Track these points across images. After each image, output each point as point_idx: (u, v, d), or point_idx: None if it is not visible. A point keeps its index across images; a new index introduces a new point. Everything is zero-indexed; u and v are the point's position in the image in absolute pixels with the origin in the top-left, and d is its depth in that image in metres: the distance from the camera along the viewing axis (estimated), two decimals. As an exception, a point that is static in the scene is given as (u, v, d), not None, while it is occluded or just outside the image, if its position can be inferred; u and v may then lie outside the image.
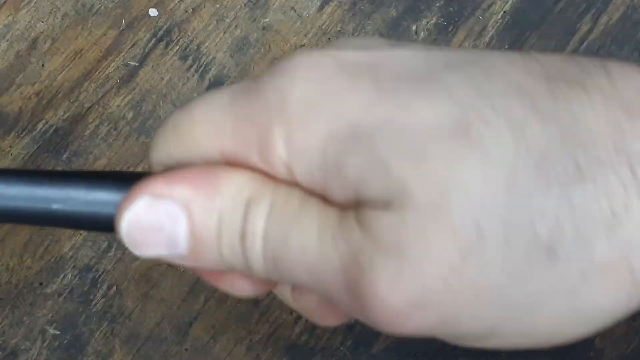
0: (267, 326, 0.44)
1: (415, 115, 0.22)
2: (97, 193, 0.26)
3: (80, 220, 0.26)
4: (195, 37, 0.49)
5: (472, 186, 0.21)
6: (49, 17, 0.49)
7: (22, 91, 0.48)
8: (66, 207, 0.25)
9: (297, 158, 0.24)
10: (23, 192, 0.25)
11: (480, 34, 0.50)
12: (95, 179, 0.26)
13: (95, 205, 0.26)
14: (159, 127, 0.27)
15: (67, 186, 0.26)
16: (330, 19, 0.50)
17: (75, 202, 0.25)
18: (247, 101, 0.24)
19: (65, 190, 0.25)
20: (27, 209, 0.25)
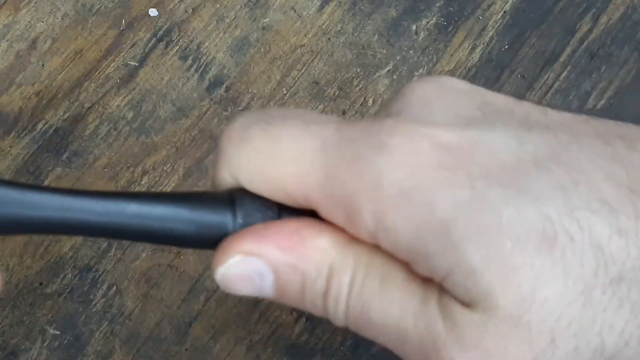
0: (267, 326, 0.44)
1: (506, 223, 0.23)
2: (197, 213, 0.27)
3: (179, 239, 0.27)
4: (195, 37, 0.49)
5: (552, 300, 0.23)
6: (49, 17, 0.49)
7: (22, 91, 0.48)
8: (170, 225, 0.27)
9: (384, 234, 0.25)
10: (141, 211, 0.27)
11: (480, 34, 0.50)
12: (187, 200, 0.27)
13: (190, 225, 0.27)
14: (229, 141, 0.29)
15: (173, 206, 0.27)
16: (330, 19, 0.50)
17: (181, 222, 0.27)
18: (341, 161, 0.25)
19: (173, 210, 0.27)
20: (142, 227, 0.27)
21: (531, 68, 0.49)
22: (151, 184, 0.46)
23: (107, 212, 0.26)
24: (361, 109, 0.48)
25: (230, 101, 0.48)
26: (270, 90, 0.48)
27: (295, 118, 0.27)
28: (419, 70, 0.49)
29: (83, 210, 0.26)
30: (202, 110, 0.48)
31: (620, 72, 0.49)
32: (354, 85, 0.49)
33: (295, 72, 0.49)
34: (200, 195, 0.28)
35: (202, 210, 0.27)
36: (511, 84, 0.49)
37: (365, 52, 0.50)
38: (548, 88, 0.49)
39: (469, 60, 0.49)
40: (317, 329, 0.44)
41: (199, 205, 0.27)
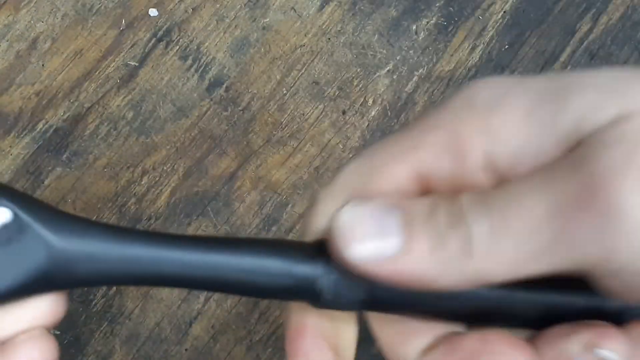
0: (267, 326, 0.44)
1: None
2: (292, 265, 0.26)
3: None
4: (195, 37, 0.49)
5: None
6: (49, 17, 0.49)
7: (22, 91, 0.48)
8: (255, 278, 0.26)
9: (498, 141, 0.24)
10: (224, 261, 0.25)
11: (480, 34, 0.50)
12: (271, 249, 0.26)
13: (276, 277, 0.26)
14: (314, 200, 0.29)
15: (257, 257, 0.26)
16: (330, 19, 0.50)
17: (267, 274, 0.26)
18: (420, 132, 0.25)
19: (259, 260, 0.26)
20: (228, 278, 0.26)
21: (531, 68, 0.49)
22: (151, 184, 0.46)
23: (202, 266, 0.25)
24: (361, 108, 0.48)
25: (230, 101, 0.48)
26: (270, 90, 0.48)
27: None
28: (418, 70, 0.49)
29: (176, 264, 0.25)
30: (202, 110, 0.48)
31: (620, 72, 0.49)
32: (354, 85, 0.49)
33: (295, 72, 0.49)
34: (291, 245, 0.26)
35: (296, 262, 0.25)
36: (511, 84, 0.49)
37: (365, 52, 0.50)
38: (548, 88, 0.49)
39: (469, 60, 0.49)
40: (317, 329, 0.44)
41: (293, 258, 0.26)
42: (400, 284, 0.24)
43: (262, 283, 0.25)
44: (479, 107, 0.25)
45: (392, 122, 0.48)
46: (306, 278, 0.25)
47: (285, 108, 0.48)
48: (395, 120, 0.48)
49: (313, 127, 0.48)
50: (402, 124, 0.48)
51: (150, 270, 0.25)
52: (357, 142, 0.48)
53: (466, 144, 0.24)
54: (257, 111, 0.48)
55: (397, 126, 0.48)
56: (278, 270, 0.25)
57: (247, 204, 0.46)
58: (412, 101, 0.49)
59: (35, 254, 0.24)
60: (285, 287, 0.25)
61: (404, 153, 0.26)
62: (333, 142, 0.48)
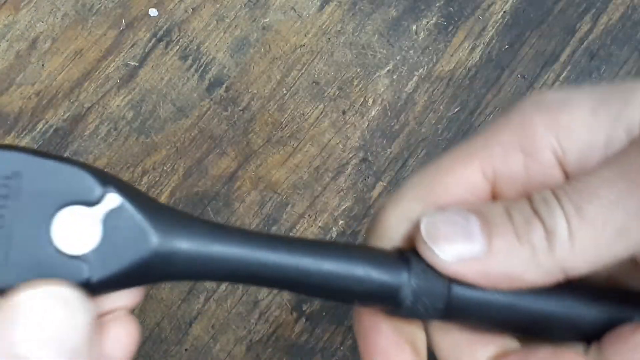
0: (267, 326, 0.44)
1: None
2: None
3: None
4: (195, 37, 0.49)
5: None
6: (49, 17, 0.49)
7: (22, 91, 0.48)
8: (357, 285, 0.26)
9: (568, 137, 0.25)
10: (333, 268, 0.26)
11: (480, 34, 0.50)
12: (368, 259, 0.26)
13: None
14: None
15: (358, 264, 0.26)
16: (330, 19, 0.50)
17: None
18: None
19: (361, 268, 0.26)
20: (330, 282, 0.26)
21: (531, 68, 0.49)
22: (151, 183, 0.46)
23: (295, 268, 0.25)
24: (361, 108, 0.48)
25: (230, 101, 0.48)
26: (270, 90, 0.48)
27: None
28: (418, 70, 0.49)
29: (269, 265, 0.25)
30: (202, 110, 0.48)
31: (620, 72, 0.49)
32: (354, 85, 0.49)
33: (295, 72, 0.49)
34: (376, 253, 0.27)
35: (381, 269, 0.26)
36: (511, 84, 0.49)
37: (365, 52, 0.50)
38: (548, 88, 0.49)
39: (469, 60, 0.49)
40: (317, 329, 0.44)
41: (378, 265, 0.26)
42: (488, 283, 0.25)
43: (349, 288, 0.26)
44: (547, 106, 0.26)
45: (392, 122, 0.48)
46: (390, 285, 0.26)
47: (285, 108, 0.48)
48: (395, 120, 0.48)
49: (313, 127, 0.48)
50: (402, 124, 0.48)
51: (243, 270, 0.25)
52: (357, 142, 0.48)
53: (536, 141, 0.25)
54: (257, 111, 0.48)
55: (397, 126, 0.48)
56: (365, 277, 0.25)
57: (247, 204, 0.46)
58: (412, 101, 0.49)
59: (136, 246, 0.24)
60: (370, 293, 0.26)
61: (473, 154, 0.27)
62: (333, 142, 0.48)
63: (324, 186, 0.47)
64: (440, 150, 0.48)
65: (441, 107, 0.49)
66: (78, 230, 0.23)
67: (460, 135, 0.48)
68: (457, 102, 0.49)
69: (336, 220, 0.46)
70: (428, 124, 0.48)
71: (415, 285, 0.25)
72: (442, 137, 0.48)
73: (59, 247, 0.23)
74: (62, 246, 0.23)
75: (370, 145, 0.48)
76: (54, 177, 0.23)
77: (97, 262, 0.23)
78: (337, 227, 0.46)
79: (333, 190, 0.47)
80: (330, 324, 0.45)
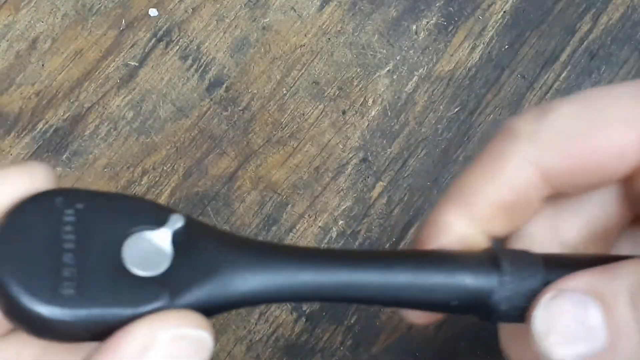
0: (267, 326, 0.44)
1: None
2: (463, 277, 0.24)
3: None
4: (195, 37, 0.49)
5: None
6: (49, 17, 0.49)
7: (22, 91, 0.48)
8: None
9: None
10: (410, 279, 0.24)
11: (480, 34, 0.50)
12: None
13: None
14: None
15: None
16: (330, 19, 0.50)
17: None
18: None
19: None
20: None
21: (531, 68, 0.49)
22: (151, 183, 0.46)
23: (379, 285, 0.24)
24: (361, 108, 0.48)
25: (230, 101, 0.48)
26: (270, 90, 0.48)
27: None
28: (418, 70, 0.49)
29: (352, 285, 0.23)
30: (202, 110, 0.48)
31: (620, 72, 0.49)
32: (354, 85, 0.49)
33: (295, 72, 0.49)
34: (461, 258, 0.25)
35: (469, 276, 0.24)
36: (511, 84, 0.49)
37: (365, 52, 0.50)
38: (548, 88, 0.49)
39: (469, 60, 0.49)
40: (317, 329, 0.44)
41: (466, 271, 0.24)
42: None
43: (436, 299, 0.24)
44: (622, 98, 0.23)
45: (392, 122, 0.48)
46: (480, 291, 0.24)
47: (285, 108, 0.48)
48: (395, 120, 0.48)
49: (313, 127, 0.48)
50: (402, 124, 0.48)
51: (320, 292, 0.24)
52: (357, 142, 0.48)
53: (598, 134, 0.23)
54: (257, 111, 0.48)
55: (397, 126, 0.48)
56: (453, 286, 0.24)
57: (247, 204, 0.46)
58: (412, 101, 0.49)
59: (200, 271, 0.23)
60: (460, 301, 0.24)
61: (522, 148, 0.24)
62: (333, 142, 0.48)
63: (324, 186, 0.47)
64: (440, 150, 0.48)
65: (441, 107, 0.49)
66: (149, 252, 0.23)
67: (460, 135, 0.48)
68: (457, 102, 0.49)
69: (336, 220, 0.46)
70: (428, 124, 0.48)
71: (509, 290, 0.24)
72: (442, 137, 0.48)
73: (133, 270, 0.22)
74: (136, 270, 0.22)
75: (370, 145, 0.48)
76: (118, 208, 0.23)
77: (174, 284, 0.22)
78: (337, 227, 0.46)
79: (333, 190, 0.47)
80: (330, 324, 0.45)
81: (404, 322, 0.45)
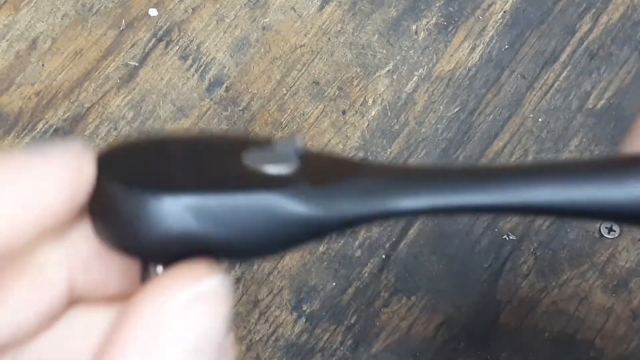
0: (267, 326, 0.44)
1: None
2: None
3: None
4: (195, 37, 0.49)
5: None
6: (49, 17, 0.49)
7: (22, 91, 0.48)
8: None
9: None
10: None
11: (480, 34, 0.50)
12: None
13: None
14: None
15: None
16: (330, 19, 0.50)
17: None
18: None
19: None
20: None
21: (531, 68, 0.49)
22: (151, 184, 0.46)
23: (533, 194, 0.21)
24: (361, 108, 0.48)
25: (230, 101, 0.48)
26: (270, 90, 0.49)
27: None
28: (418, 70, 0.49)
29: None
30: (202, 110, 0.48)
31: (620, 72, 0.49)
32: (354, 85, 0.49)
33: (295, 72, 0.49)
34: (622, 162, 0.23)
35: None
36: (511, 83, 0.49)
37: (365, 52, 0.50)
38: (548, 88, 0.49)
39: (469, 60, 0.49)
40: (317, 329, 0.44)
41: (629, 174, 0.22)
42: None
43: (620, 204, 0.22)
44: None
45: (392, 122, 0.48)
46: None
47: (285, 108, 0.48)
48: (395, 120, 0.48)
49: (313, 127, 0.48)
50: (402, 124, 0.48)
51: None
52: (357, 142, 0.48)
53: None
54: (257, 111, 0.48)
55: (397, 126, 0.48)
56: (616, 193, 0.22)
57: (247, 204, 0.46)
58: (412, 101, 0.49)
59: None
60: (624, 207, 0.22)
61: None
62: (333, 142, 0.48)
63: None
64: (440, 150, 0.48)
65: (441, 107, 0.49)
66: (275, 155, 0.20)
67: (460, 135, 0.48)
68: (457, 102, 0.49)
69: (336, 220, 0.46)
70: (428, 124, 0.48)
71: None
72: (442, 137, 0.48)
73: (259, 167, 0.19)
74: (263, 166, 0.19)
75: (370, 145, 0.48)
76: (227, 139, 0.21)
77: (304, 186, 0.19)
78: (337, 227, 0.46)
79: (333, 190, 0.47)
80: (330, 324, 0.45)
81: (404, 322, 0.45)
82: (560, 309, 0.45)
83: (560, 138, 0.48)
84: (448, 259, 0.46)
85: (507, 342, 0.45)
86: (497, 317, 0.45)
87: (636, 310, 0.45)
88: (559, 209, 0.22)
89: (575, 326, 0.45)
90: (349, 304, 0.45)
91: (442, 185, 0.21)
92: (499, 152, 0.48)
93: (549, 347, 0.45)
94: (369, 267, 0.45)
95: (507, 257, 0.46)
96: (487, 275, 0.46)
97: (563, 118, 0.48)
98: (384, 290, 0.45)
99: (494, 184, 0.22)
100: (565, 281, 0.45)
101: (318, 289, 0.45)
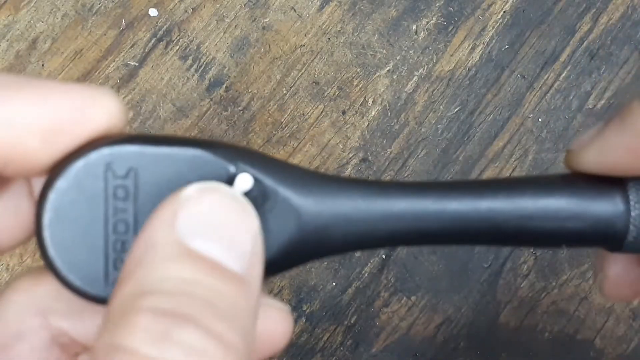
0: (267, 326, 0.44)
1: None
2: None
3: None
4: (195, 37, 0.49)
5: None
6: (49, 17, 0.49)
7: (22, 91, 0.48)
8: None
9: None
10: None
11: (480, 34, 0.50)
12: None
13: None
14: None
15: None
16: (330, 19, 0.50)
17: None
18: None
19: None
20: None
21: (531, 68, 0.49)
22: (151, 184, 0.46)
23: (475, 214, 0.20)
24: (361, 108, 0.48)
25: (230, 101, 0.48)
26: (270, 90, 0.49)
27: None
28: (418, 70, 0.49)
29: (447, 214, 0.20)
30: (202, 110, 0.48)
31: (620, 72, 0.49)
32: (354, 85, 0.49)
33: (295, 72, 0.49)
34: (579, 181, 0.22)
35: (590, 200, 0.21)
36: (511, 83, 0.49)
37: (365, 52, 0.50)
38: (548, 88, 0.49)
39: (469, 60, 0.49)
40: (317, 329, 0.44)
41: (585, 195, 0.21)
42: None
43: (550, 228, 0.21)
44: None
45: (392, 122, 0.48)
46: (605, 218, 0.21)
47: (285, 108, 0.48)
48: (395, 120, 0.48)
49: (313, 127, 0.48)
50: (402, 124, 0.48)
51: (415, 226, 0.20)
52: (357, 142, 0.48)
53: None
54: (257, 111, 0.48)
55: (397, 126, 0.48)
56: (569, 212, 0.21)
57: (247, 204, 0.46)
58: (412, 101, 0.49)
59: (283, 223, 0.20)
60: (579, 231, 0.21)
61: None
62: (333, 142, 0.48)
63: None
64: (440, 150, 0.48)
65: (441, 107, 0.49)
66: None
67: (460, 135, 0.48)
68: (457, 102, 0.49)
69: (336, 220, 0.46)
70: (428, 124, 0.48)
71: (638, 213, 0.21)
72: (442, 137, 0.48)
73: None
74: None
75: (370, 145, 0.48)
76: (174, 166, 0.20)
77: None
78: (337, 227, 0.46)
79: (333, 190, 0.47)
80: (330, 324, 0.45)
81: (404, 322, 0.45)
82: (560, 309, 0.45)
83: (560, 138, 0.48)
84: (448, 259, 0.46)
85: (507, 342, 0.45)
86: (497, 317, 0.45)
87: (636, 310, 0.45)
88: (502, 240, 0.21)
89: (575, 326, 0.45)
90: (349, 304, 0.45)
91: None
92: (499, 152, 0.48)
93: (549, 347, 0.45)
94: (369, 267, 0.45)
95: (507, 257, 0.46)
96: (487, 275, 0.46)
97: (563, 118, 0.48)
98: (384, 290, 0.45)
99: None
100: (565, 281, 0.45)
101: (318, 289, 0.45)
